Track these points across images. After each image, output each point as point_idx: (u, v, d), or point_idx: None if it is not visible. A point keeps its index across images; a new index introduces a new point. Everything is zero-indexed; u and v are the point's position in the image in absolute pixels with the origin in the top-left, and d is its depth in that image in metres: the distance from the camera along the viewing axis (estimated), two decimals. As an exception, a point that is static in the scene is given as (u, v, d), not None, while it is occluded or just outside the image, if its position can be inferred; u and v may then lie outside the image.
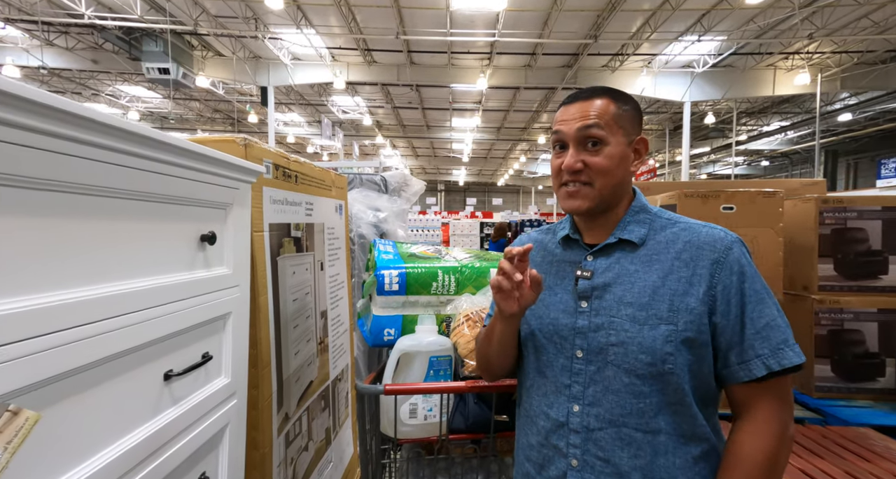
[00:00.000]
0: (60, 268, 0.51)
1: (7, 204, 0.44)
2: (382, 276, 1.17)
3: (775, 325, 0.74)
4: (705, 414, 0.77)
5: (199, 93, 13.19)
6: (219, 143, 1.04)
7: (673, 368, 0.73)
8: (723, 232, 0.79)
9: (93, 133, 0.53)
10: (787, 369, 0.72)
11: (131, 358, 0.62)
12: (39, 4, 8.33)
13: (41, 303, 0.46)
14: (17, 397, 0.43)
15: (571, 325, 0.80)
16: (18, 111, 0.43)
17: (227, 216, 0.90)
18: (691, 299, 0.74)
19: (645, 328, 0.74)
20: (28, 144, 0.45)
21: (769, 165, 21.77)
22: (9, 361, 0.43)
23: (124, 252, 0.62)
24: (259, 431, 1.11)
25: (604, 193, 0.79)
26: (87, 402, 0.55)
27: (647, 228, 0.81)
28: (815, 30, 8.99)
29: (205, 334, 0.83)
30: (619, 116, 0.80)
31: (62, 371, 0.49)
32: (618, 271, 0.79)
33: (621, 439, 0.75)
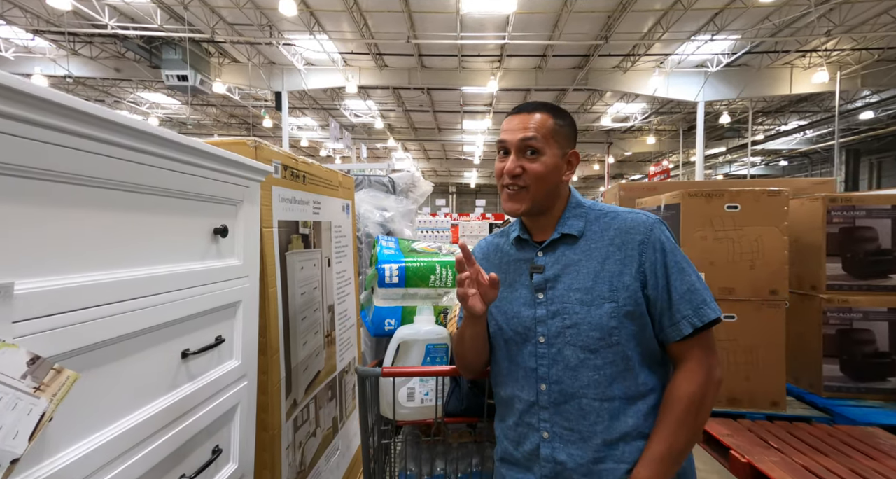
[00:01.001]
0: (99, 252, 0.59)
1: (59, 198, 0.53)
2: (383, 269, 1.24)
3: (694, 289, 0.85)
4: (651, 374, 0.88)
5: (215, 99, 13.54)
6: (231, 145, 1.13)
7: (619, 339, 0.84)
8: (644, 216, 0.89)
9: (128, 137, 0.61)
10: (707, 323, 0.84)
11: (154, 335, 0.70)
12: (66, 16, 8.68)
13: (83, 281, 0.55)
14: (61, 360, 0.51)
15: (532, 315, 0.89)
16: (77, 122, 0.51)
17: (238, 212, 0.98)
18: (626, 277, 0.85)
19: (592, 308, 0.84)
20: (81, 148, 0.54)
21: (788, 165, 21.30)
22: (50, 329, 0.51)
23: (148, 241, 0.70)
24: (268, 414, 1.19)
25: (537, 196, 0.90)
26: (116, 371, 0.63)
27: (584, 221, 0.92)
28: (833, 27, 8.82)
29: (218, 319, 0.91)
30: (556, 132, 0.90)
31: (97, 341, 0.57)
32: (564, 263, 0.89)
33: (582, 409, 0.85)
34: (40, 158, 0.51)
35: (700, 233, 2.65)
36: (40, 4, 8.36)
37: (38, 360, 0.47)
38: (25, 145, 0.49)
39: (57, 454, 0.53)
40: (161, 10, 8.70)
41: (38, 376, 0.47)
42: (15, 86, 0.45)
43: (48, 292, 0.50)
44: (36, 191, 0.51)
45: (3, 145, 0.46)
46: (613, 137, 17.57)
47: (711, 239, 2.66)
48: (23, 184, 0.49)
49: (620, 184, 3.43)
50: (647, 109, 14.62)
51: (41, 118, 0.49)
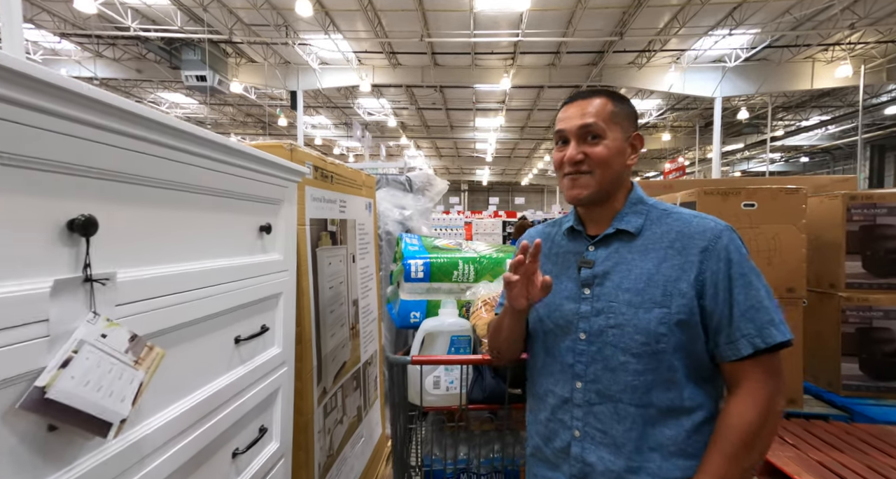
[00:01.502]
0: (175, 246, 0.67)
1: (145, 199, 0.61)
2: (409, 265, 1.31)
3: (761, 306, 0.78)
4: (704, 390, 0.82)
5: (232, 98, 13.79)
6: (269, 148, 1.21)
7: (665, 347, 0.79)
8: (713, 222, 0.83)
9: (197, 144, 0.69)
10: (772, 346, 0.76)
11: (214, 321, 0.79)
12: (91, 19, 8.95)
13: (165, 271, 0.63)
14: (151, 339, 0.59)
15: (575, 310, 0.86)
16: (162, 133, 0.59)
17: (280, 210, 1.06)
18: (683, 284, 0.79)
19: (640, 311, 0.80)
20: (162, 155, 0.62)
21: (809, 161, 20.82)
22: (146, 312, 0.59)
23: (210, 237, 0.78)
24: (303, 399, 1.28)
25: (603, 182, 0.85)
26: (187, 352, 0.71)
27: (644, 219, 0.87)
28: (857, 20, 8.60)
29: (263, 309, 0.99)
30: (616, 114, 0.86)
31: (174, 325, 0.66)
32: (616, 260, 0.85)
33: (617, 413, 0.81)
34: (132, 164, 0.59)
35: (716, 231, 2.66)
36: (67, 8, 8.64)
37: (136, 338, 0.55)
38: (122, 154, 0.57)
39: (146, 420, 0.61)
40: (181, 11, 8.91)
41: (136, 351, 0.55)
42: (126, 107, 0.53)
43: (141, 281, 0.59)
44: (130, 194, 0.59)
45: (110, 156, 0.54)
46: (628, 133, 17.33)
47: (727, 237, 2.66)
48: (119, 188, 0.57)
49: (636, 182, 3.44)
50: (663, 106, 14.44)
51: (136, 131, 0.57)
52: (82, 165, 0.51)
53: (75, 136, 0.50)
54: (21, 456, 0.44)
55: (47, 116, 0.47)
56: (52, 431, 0.47)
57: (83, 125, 0.50)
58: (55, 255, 0.48)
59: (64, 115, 0.48)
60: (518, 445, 1.28)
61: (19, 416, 0.44)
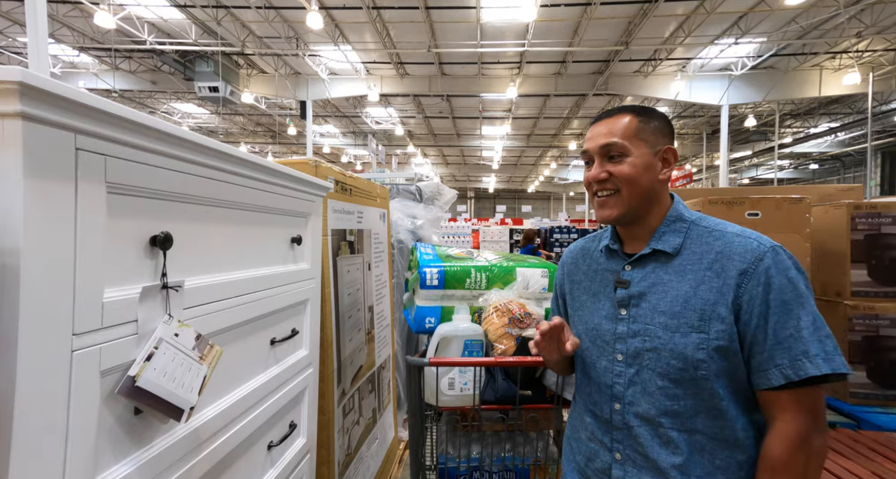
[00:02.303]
0: (224, 257, 0.76)
1: (198, 216, 0.70)
2: (424, 273, 1.40)
3: (798, 336, 0.73)
4: (753, 419, 0.79)
5: (243, 108, 14.09)
6: (296, 164, 1.30)
7: (706, 374, 0.75)
8: (756, 242, 0.78)
9: (237, 165, 0.79)
10: (806, 379, 0.71)
11: (255, 325, 0.87)
12: (110, 33, 9.25)
13: (218, 280, 0.72)
14: (212, 338, 0.68)
15: (612, 330, 0.84)
16: (222, 161, 0.69)
17: (308, 223, 1.15)
18: (721, 308, 0.76)
19: (676, 336, 0.77)
20: (217, 178, 0.71)
21: (818, 168, 20.68)
22: (205, 315, 0.68)
23: (251, 249, 0.87)
24: (325, 399, 1.36)
25: (632, 200, 0.83)
26: (235, 351, 0.80)
27: (683, 238, 0.83)
28: (865, 28, 8.63)
29: (293, 313, 1.08)
30: (641, 129, 0.83)
31: (225, 326, 0.74)
32: (653, 281, 0.82)
33: (658, 437, 0.79)
34: (196, 187, 0.68)
35: (720, 239, 2.72)
36: (86, 23, 8.95)
37: (200, 337, 0.64)
38: (188, 179, 0.66)
39: (203, 410, 0.70)
40: (195, 25, 9.18)
41: (201, 348, 0.64)
42: (194, 139, 0.62)
43: (202, 287, 0.68)
44: (194, 213, 0.68)
45: (181, 181, 0.64)
46: (634, 141, 17.38)
47: (731, 245, 2.72)
48: (186, 208, 0.67)
49: (677, 197, 3.50)
50: (670, 113, 14.48)
51: (200, 159, 0.66)
52: (161, 189, 0.60)
53: (156, 166, 0.59)
54: (117, 435, 0.53)
55: (139, 152, 0.56)
56: (137, 414, 0.56)
57: (161, 156, 0.60)
58: (142, 266, 0.57)
59: (156, 150, 0.57)
60: (528, 445, 1.34)
61: (116, 400, 0.52)
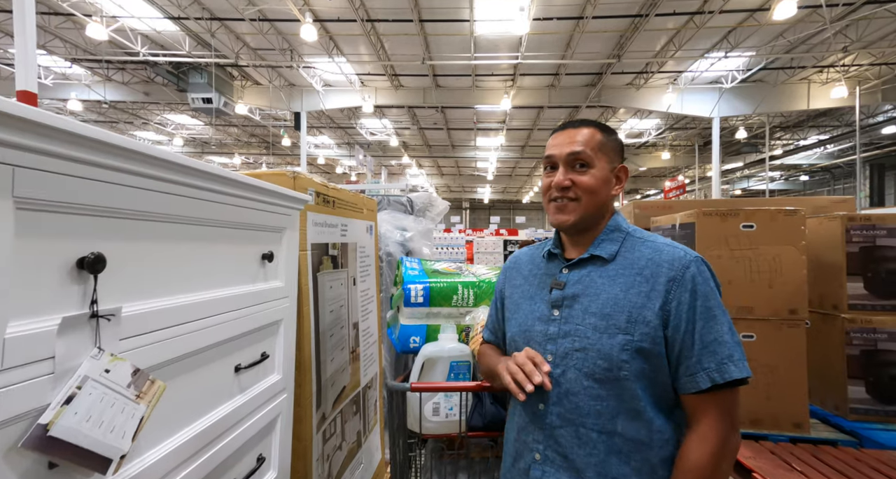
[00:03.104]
0: (170, 280, 0.69)
1: (145, 233, 0.62)
2: (409, 289, 1.32)
3: (723, 341, 0.78)
4: (668, 422, 0.82)
5: (237, 119, 14.07)
6: (273, 176, 1.24)
7: (628, 375, 0.79)
8: (683, 251, 0.84)
9: (196, 178, 0.72)
10: (729, 382, 0.77)
11: (214, 351, 0.79)
12: (102, 45, 9.23)
13: (167, 304, 0.64)
14: (154, 371, 0.60)
15: (544, 331, 0.87)
16: (171, 172, 0.62)
17: (282, 238, 1.08)
18: (648, 312, 0.80)
19: (604, 337, 0.81)
20: (162, 190, 0.64)
21: (809, 179, 20.92)
22: (148, 345, 0.60)
23: (212, 268, 0.79)
24: (302, 425, 1.27)
25: (588, 209, 0.87)
26: (187, 383, 0.72)
27: (619, 246, 0.88)
28: (850, 43, 8.79)
29: (263, 336, 1.00)
30: (604, 145, 0.88)
31: (175, 356, 0.66)
32: (587, 283, 0.86)
33: (579, 437, 0.81)
34: (138, 200, 0.61)
35: (716, 252, 2.68)
36: (79, 35, 8.92)
37: (138, 372, 0.56)
38: (127, 191, 0.59)
39: (144, 454, 0.61)
40: (189, 37, 9.18)
41: (138, 385, 0.56)
42: (131, 146, 0.55)
43: (145, 314, 0.60)
44: (136, 230, 0.61)
45: (116, 194, 0.57)
46: (627, 152, 17.54)
47: (728, 258, 2.68)
48: (126, 224, 0.59)
49: (635, 202, 3.47)
50: (662, 125, 14.64)
51: (141, 169, 0.59)
52: (91, 204, 0.53)
53: (84, 177, 0.52)
54: (22, 495, 0.45)
55: (59, 161, 0.49)
56: (52, 468, 0.48)
57: (91, 166, 0.53)
58: (64, 293, 0.49)
59: (74, 158, 0.50)
60: (519, 473, 1.26)
61: (21, 454, 0.44)
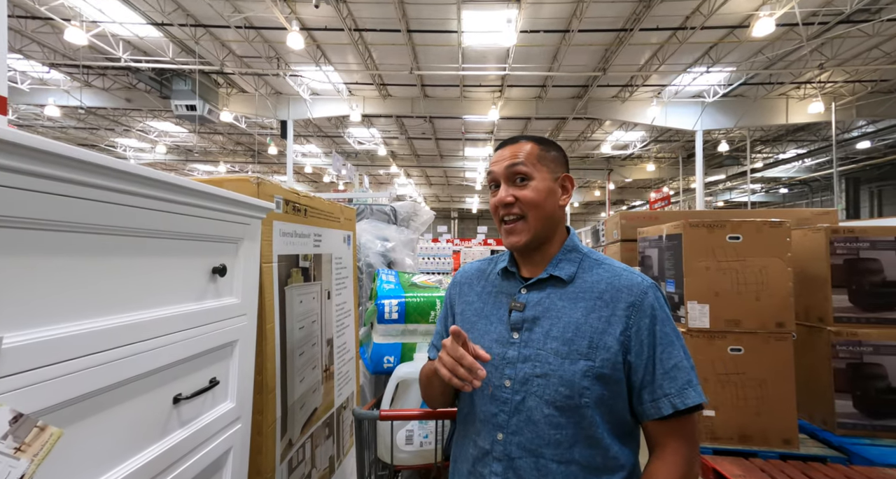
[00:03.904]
0: (79, 300, 0.58)
1: (49, 246, 0.52)
2: (382, 305, 1.23)
3: (681, 366, 0.79)
4: (623, 448, 0.81)
5: (222, 127, 13.87)
6: (233, 182, 1.14)
7: (588, 401, 0.78)
8: (640, 277, 0.84)
9: (121, 181, 0.62)
10: (690, 408, 0.78)
11: (143, 382, 0.68)
12: (81, 50, 9.02)
13: (63, 332, 0.53)
14: (47, 414, 0.50)
15: (502, 354, 0.84)
16: (68, 168, 0.52)
17: (238, 250, 0.98)
18: (609, 337, 0.79)
19: (566, 362, 0.79)
20: (70, 194, 0.54)
21: (788, 192, 21.43)
22: (36, 383, 0.49)
23: (143, 285, 0.69)
24: (263, 456, 1.15)
25: (537, 225, 0.86)
26: (104, 422, 0.61)
27: (577, 267, 0.87)
28: (826, 60, 9.06)
29: (213, 359, 0.89)
30: (542, 157, 0.88)
31: (86, 392, 0.55)
32: (547, 305, 0.84)
33: (538, 469, 0.78)
34: (25, 206, 0.51)
35: (703, 263, 2.64)
36: (57, 40, 8.71)
37: (20, 418, 0.46)
38: (8, 194, 0.49)
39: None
40: (173, 44, 9.04)
41: (19, 435, 0.45)
42: (36, 146, 0.45)
43: (37, 344, 0.49)
44: (23, 240, 0.50)
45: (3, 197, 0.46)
46: (613, 164, 17.80)
47: (715, 269, 2.64)
48: (8, 234, 0.49)
49: (621, 213, 3.44)
50: (646, 137, 14.87)
51: (26, 166, 0.49)
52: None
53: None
54: None
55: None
56: None
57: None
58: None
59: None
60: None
61: None
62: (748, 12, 7.55)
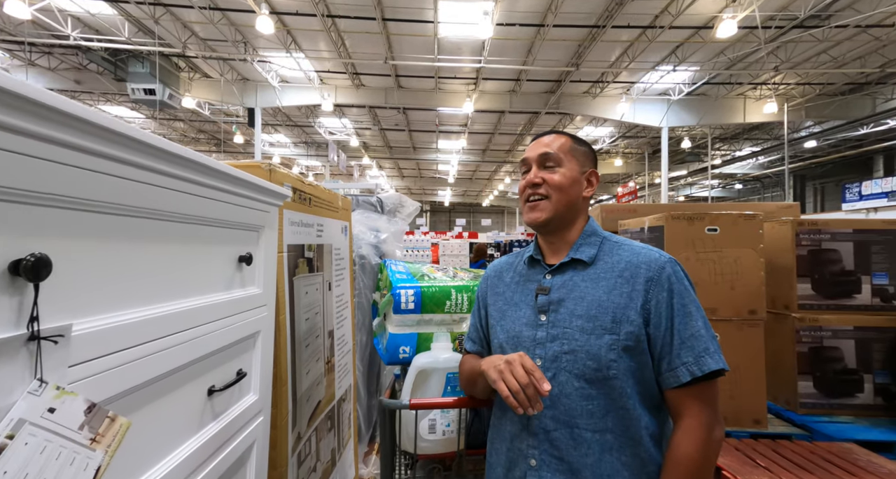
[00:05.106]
0: (136, 287, 0.54)
1: (104, 230, 0.48)
2: (399, 295, 1.21)
3: (699, 335, 0.82)
4: (654, 418, 0.85)
5: (183, 113, 13.17)
6: (246, 168, 1.09)
7: (616, 373, 0.82)
8: (658, 253, 0.89)
9: (161, 160, 0.58)
10: (707, 374, 0.80)
11: (186, 372, 0.65)
12: (25, 25, 8.30)
13: (129, 318, 0.50)
14: (114, 403, 0.46)
15: (532, 336, 0.89)
16: (138, 153, 0.48)
17: (260, 238, 0.94)
18: (631, 311, 0.83)
19: (592, 338, 0.83)
20: (132, 178, 0.50)
21: (742, 188, 22.69)
22: (115, 368, 0.46)
23: (181, 272, 0.65)
24: (277, 450, 1.12)
25: (559, 207, 0.92)
26: (151, 414, 0.58)
27: (597, 250, 0.92)
28: (780, 63, 9.62)
29: (239, 351, 0.86)
30: (574, 149, 0.95)
31: (140, 382, 0.52)
32: (571, 287, 0.89)
33: (574, 439, 0.83)
34: (93, 187, 0.47)
35: (684, 254, 2.75)
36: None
37: (94, 408, 0.42)
38: (80, 175, 0.45)
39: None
40: (129, 23, 8.46)
41: (94, 425, 0.42)
42: (57, 106, 0.42)
43: (102, 332, 0.46)
44: (90, 225, 0.47)
45: (65, 177, 0.43)
46: (582, 159, 18.18)
47: (694, 260, 2.76)
48: (78, 218, 0.45)
49: (602, 206, 3.54)
50: (615, 133, 15.30)
51: (98, 146, 0.46)
52: (30, 190, 0.39)
53: (16, 152, 0.38)
54: None
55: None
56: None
57: (24, 137, 0.39)
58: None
59: (8, 126, 0.36)
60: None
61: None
62: (713, 13, 7.87)
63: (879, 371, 2.93)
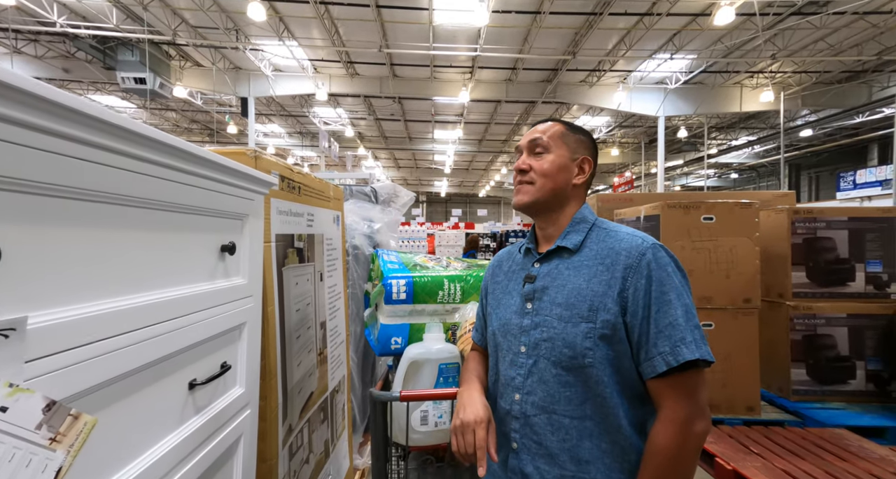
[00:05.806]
0: (103, 277, 0.51)
1: (69, 215, 0.45)
2: (390, 285, 1.19)
3: (676, 324, 0.79)
4: (643, 409, 0.83)
5: (175, 103, 12.97)
6: (230, 154, 1.05)
7: (592, 361, 0.81)
8: (641, 239, 0.86)
9: (138, 146, 0.54)
10: (683, 364, 0.77)
11: (163, 366, 0.63)
12: (9, 11, 8.09)
13: (97, 309, 0.47)
14: (79, 400, 0.44)
15: (519, 324, 0.90)
16: (91, 130, 0.45)
17: (244, 227, 0.91)
18: (608, 299, 0.82)
19: (568, 326, 0.83)
20: (102, 161, 0.46)
21: (738, 177, 22.71)
22: (65, 367, 0.43)
23: (158, 262, 0.62)
24: (266, 443, 1.10)
25: (543, 191, 0.91)
26: (124, 411, 0.55)
27: (584, 237, 0.91)
28: (777, 51, 9.54)
29: (223, 343, 0.83)
30: (565, 136, 0.94)
31: (110, 377, 0.50)
32: (555, 276, 0.89)
33: (552, 424, 0.84)
34: (53, 171, 0.44)
35: (679, 243, 2.74)
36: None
37: (53, 405, 0.40)
38: (40, 157, 0.42)
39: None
40: (118, 9, 8.27)
41: (53, 424, 0.39)
42: (50, 96, 0.38)
43: (62, 325, 0.43)
44: (50, 210, 0.43)
45: (21, 158, 0.39)
46: (579, 148, 18.11)
47: (690, 249, 2.75)
48: (33, 202, 0.42)
49: (598, 195, 3.52)
50: (612, 123, 15.22)
51: (61, 128, 0.42)
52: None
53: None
54: None
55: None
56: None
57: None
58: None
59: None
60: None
61: None
62: (711, 1, 7.77)
63: (872, 358, 2.96)
